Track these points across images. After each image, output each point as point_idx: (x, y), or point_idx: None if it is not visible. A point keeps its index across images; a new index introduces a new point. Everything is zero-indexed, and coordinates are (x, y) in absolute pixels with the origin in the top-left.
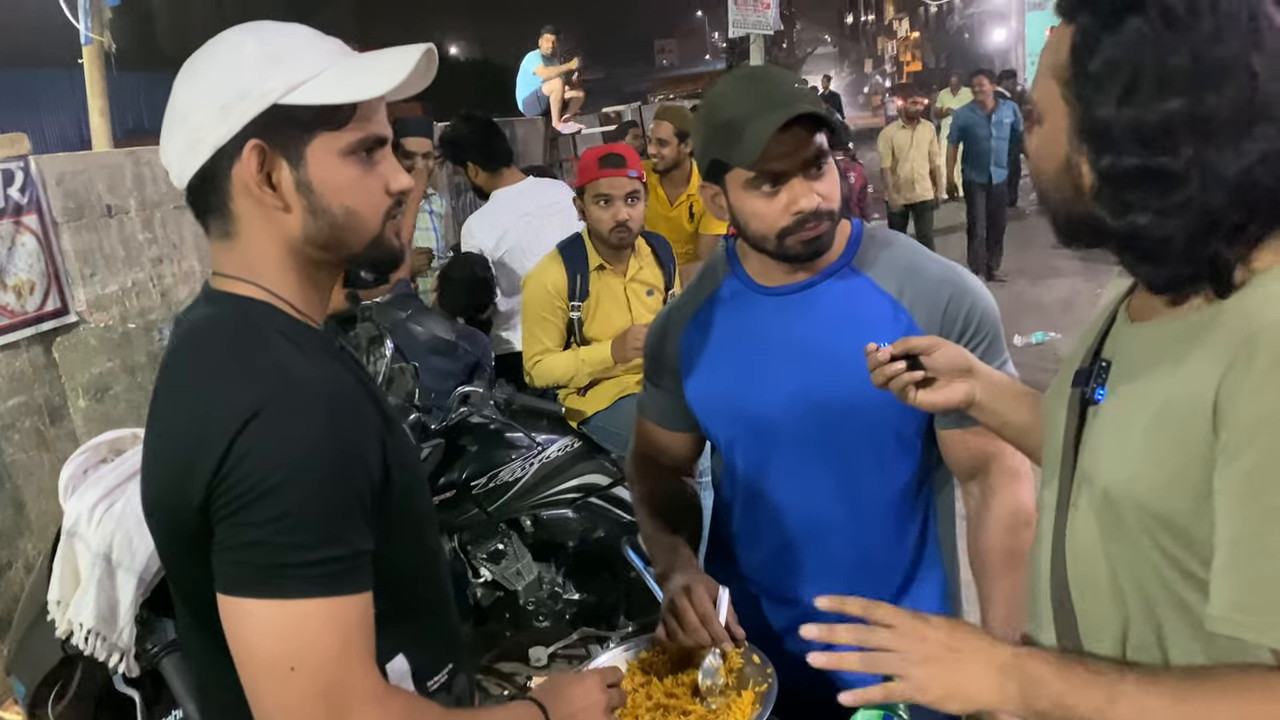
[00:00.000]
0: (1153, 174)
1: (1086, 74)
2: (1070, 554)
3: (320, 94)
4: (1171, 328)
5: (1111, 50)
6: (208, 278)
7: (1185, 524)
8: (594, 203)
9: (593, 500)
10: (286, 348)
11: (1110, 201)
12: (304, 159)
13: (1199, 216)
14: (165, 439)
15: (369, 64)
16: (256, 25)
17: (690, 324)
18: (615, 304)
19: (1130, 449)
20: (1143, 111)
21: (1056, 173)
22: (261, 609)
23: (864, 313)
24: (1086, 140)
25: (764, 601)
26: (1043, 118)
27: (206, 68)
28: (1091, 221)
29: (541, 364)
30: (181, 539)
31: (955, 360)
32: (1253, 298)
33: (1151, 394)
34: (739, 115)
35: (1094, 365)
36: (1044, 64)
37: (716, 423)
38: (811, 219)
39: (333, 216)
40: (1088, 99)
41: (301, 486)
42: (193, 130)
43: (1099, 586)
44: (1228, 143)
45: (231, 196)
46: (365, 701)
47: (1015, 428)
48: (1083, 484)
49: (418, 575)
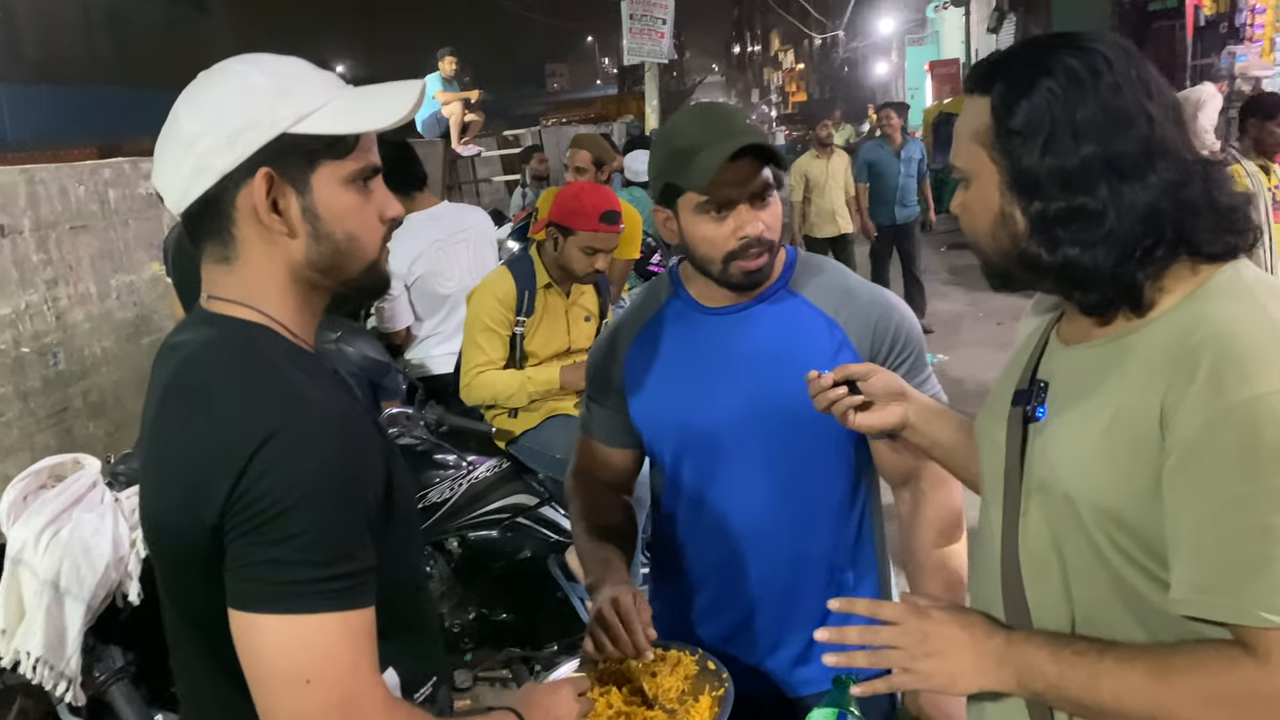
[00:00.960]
0: (1077, 212)
1: (1009, 133)
2: (1024, 556)
3: (328, 124)
4: (1104, 348)
5: (1028, 110)
6: (201, 301)
7: (1136, 521)
8: (579, 248)
9: (520, 520)
10: (293, 372)
11: (1044, 240)
12: (310, 186)
13: (1119, 245)
14: (174, 460)
15: (372, 97)
16: (258, 57)
17: (635, 343)
18: (557, 324)
19: (1089, 458)
20: (1063, 159)
21: (992, 226)
22: (278, 624)
23: (802, 330)
24: (1017, 191)
25: (709, 608)
26: (971, 180)
27: (213, 97)
28: (1028, 260)
29: (484, 376)
30: (189, 558)
31: (890, 385)
32: (1184, 315)
33: (1100, 407)
34: (693, 143)
35: (1033, 386)
36: (965, 132)
37: (662, 437)
38: (755, 245)
39: (336, 242)
40: (1013, 155)
41: (317, 506)
42: (199, 157)
43: (1051, 585)
44: (1135, 179)
45: (235, 222)
46: (376, 712)
47: (943, 447)
48: (1033, 493)
49: (407, 590)
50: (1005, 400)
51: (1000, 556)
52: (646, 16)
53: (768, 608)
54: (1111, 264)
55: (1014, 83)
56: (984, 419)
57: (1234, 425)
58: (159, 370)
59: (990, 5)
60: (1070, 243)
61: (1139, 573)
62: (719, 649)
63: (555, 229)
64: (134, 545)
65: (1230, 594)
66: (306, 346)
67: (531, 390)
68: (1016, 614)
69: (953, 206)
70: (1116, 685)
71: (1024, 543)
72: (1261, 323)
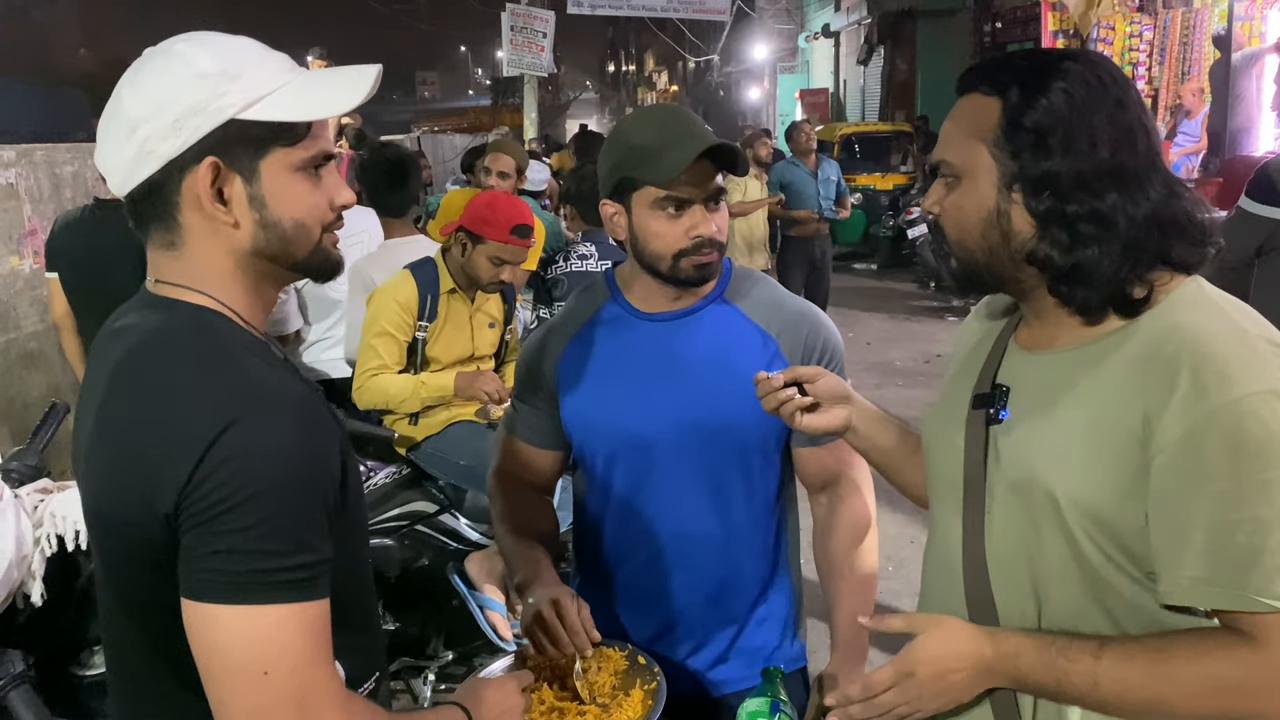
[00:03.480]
0: (1093, 215)
1: (1022, 131)
2: (991, 556)
3: (279, 111)
4: (1073, 354)
5: (1046, 110)
6: (146, 284)
7: (1114, 519)
8: (487, 258)
9: (419, 528)
10: (249, 358)
11: (1055, 239)
12: (258, 173)
13: (1121, 249)
14: (125, 449)
15: (325, 81)
16: (205, 36)
17: (569, 345)
18: (460, 329)
19: (1071, 457)
20: (1079, 162)
21: (983, 223)
22: (235, 615)
23: (736, 340)
24: (1025, 189)
25: (635, 610)
26: (962, 177)
27: (156, 80)
28: (1035, 260)
29: (377, 380)
30: (140, 550)
31: (836, 389)
32: (1154, 325)
33: (1075, 409)
34: (658, 140)
35: (994, 390)
36: (963, 130)
37: (594, 440)
38: (707, 245)
39: (283, 230)
40: (1023, 153)
41: (276, 495)
42: (142, 142)
43: (1019, 583)
44: (1138, 187)
45: (179, 208)
46: (332, 705)
47: (881, 450)
48: (1001, 493)
49: (354, 583)
50: (962, 404)
51: (962, 558)
52: (527, 29)
53: (693, 609)
54: (1112, 267)
55: (1030, 83)
56: (936, 423)
57: (1219, 426)
58: (102, 355)
59: (859, 39)
60: (1085, 244)
61: (1114, 568)
62: (644, 648)
63: (465, 235)
64: (37, 544)
65: (1230, 583)
66: (258, 333)
67: (425, 396)
68: (982, 614)
69: (928, 204)
70: (1117, 685)
71: (990, 543)
72: (1231, 330)
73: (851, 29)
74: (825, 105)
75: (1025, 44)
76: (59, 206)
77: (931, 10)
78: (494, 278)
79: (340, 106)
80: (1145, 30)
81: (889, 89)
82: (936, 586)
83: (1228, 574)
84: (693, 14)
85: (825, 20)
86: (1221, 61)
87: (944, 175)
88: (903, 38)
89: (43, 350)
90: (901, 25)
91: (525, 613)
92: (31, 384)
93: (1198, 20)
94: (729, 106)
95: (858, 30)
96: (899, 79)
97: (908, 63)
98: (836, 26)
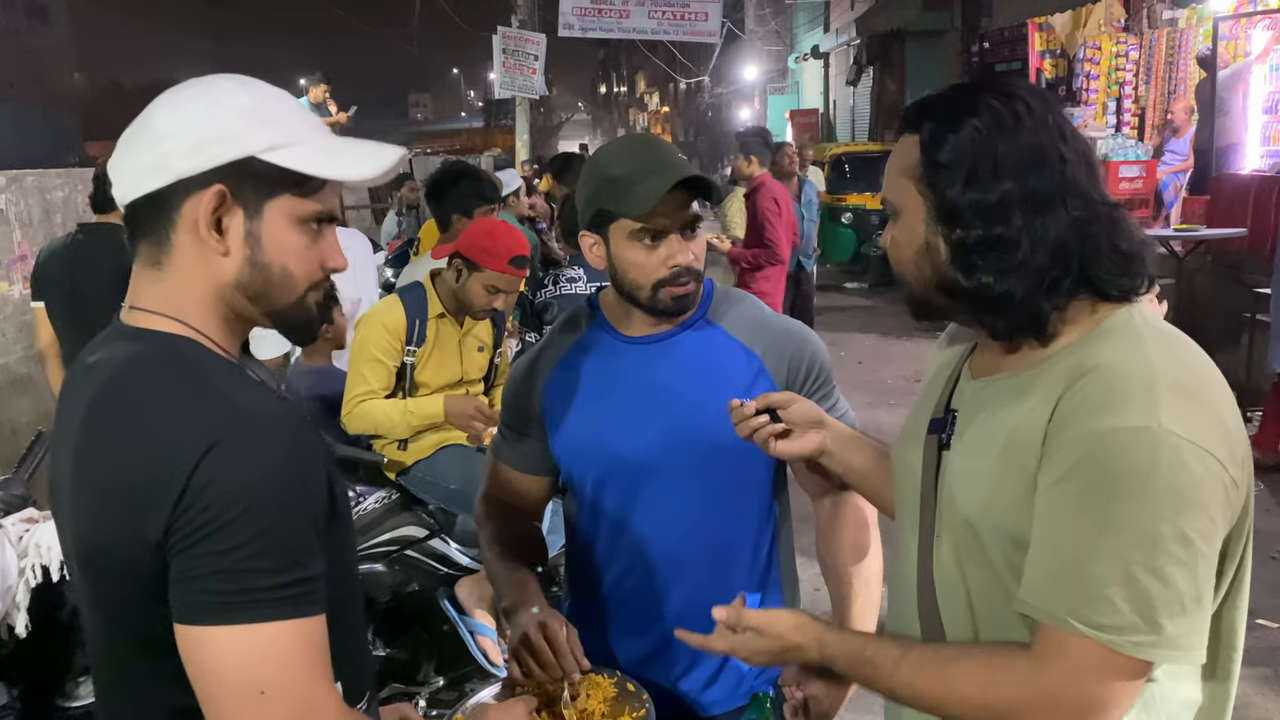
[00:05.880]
0: (994, 241)
1: (936, 166)
2: (937, 578)
3: (299, 161)
4: (1007, 382)
5: (955, 145)
6: (121, 314)
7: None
8: (482, 285)
9: (409, 553)
10: (225, 379)
11: (962, 267)
12: (261, 213)
13: (1030, 274)
14: (107, 483)
15: (351, 148)
16: (251, 81)
17: (554, 371)
18: (448, 354)
19: (981, 480)
20: (983, 192)
21: (916, 255)
22: (229, 635)
23: (721, 359)
24: (941, 221)
25: (627, 632)
26: (899, 213)
27: (193, 105)
28: (945, 286)
29: (365, 406)
30: (128, 578)
31: (809, 414)
32: (1078, 352)
33: (995, 434)
34: (632, 172)
35: (947, 415)
36: (895, 168)
37: (583, 464)
38: (685, 274)
39: (270, 273)
40: (939, 187)
41: (264, 513)
42: (161, 156)
43: (959, 602)
44: (1047, 213)
45: (175, 227)
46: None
47: (858, 473)
48: (943, 517)
49: (345, 599)
50: (921, 428)
51: (915, 577)
52: (519, 52)
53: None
54: (1022, 292)
55: (942, 120)
56: (901, 446)
57: (1086, 453)
58: (75, 392)
59: (849, 59)
60: (986, 270)
61: None
62: (635, 671)
63: (462, 261)
64: (22, 574)
65: (1045, 597)
66: (232, 358)
67: (414, 422)
68: (932, 631)
69: (883, 240)
70: (907, 690)
71: (938, 564)
72: (1136, 364)
73: (841, 50)
74: (815, 126)
75: (1013, 64)
76: (49, 232)
77: (920, 31)
78: (487, 305)
79: (360, 174)
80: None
81: (878, 109)
82: (896, 603)
83: (1045, 588)
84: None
85: (814, 41)
86: (1207, 80)
87: (888, 211)
88: (891, 58)
89: (32, 376)
90: (890, 46)
91: (512, 636)
92: (20, 410)
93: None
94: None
95: (847, 51)
96: (888, 99)
97: (897, 83)
98: (826, 47)
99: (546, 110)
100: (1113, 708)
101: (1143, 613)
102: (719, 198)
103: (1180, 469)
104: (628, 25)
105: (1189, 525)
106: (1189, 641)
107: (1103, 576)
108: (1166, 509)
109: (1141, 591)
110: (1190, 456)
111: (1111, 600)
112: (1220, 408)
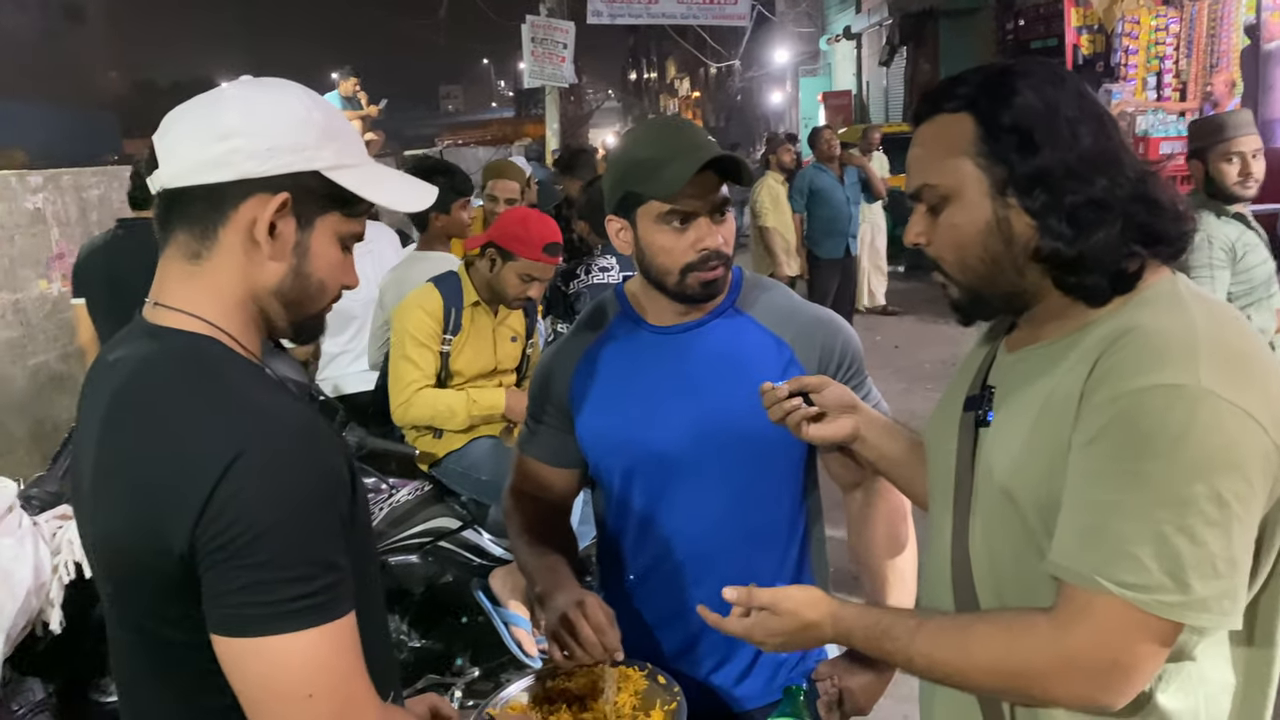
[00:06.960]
0: (1090, 202)
1: (1002, 133)
2: (974, 555)
3: (355, 183)
4: (1045, 350)
5: (1020, 108)
6: (144, 310)
7: None
8: (517, 274)
9: (442, 545)
10: (247, 384)
11: (1060, 234)
12: (313, 226)
13: (1120, 232)
14: (128, 486)
15: (396, 179)
16: (322, 99)
17: (581, 362)
18: (483, 342)
19: (1017, 446)
20: (1064, 151)
21: (982, 236)
22: (271, 645)
23: (751, 348)
24: (1016, 191)
25: (660, 625)
26: (951, 198)
27: (269, 110)
28: (1043, 257)
29: (424, 394)
30: (155, 588)
31: (842, 398)
32: (1122, 317)
33: (1033, 399)
34: (660, 155)
35: (984, 392)
36: (939, 151)
37: (611, 456)
38: (713, 258)
39: (309, 283)
40: (1008, 154)
41: (294, 524)
42: (229, 152)
43: (995, 581)
44: (1119, 171)
45: (226, 224)
46: (373, 715)
47: (890, 460)
48: (980, 494)
49: (367, 597)
50: (956, 407)
51: (950, 557)
52: (548, 41)
53: None
54: (1116, 250)
55: (994, 90)
56: (934, 427)
57: (1118, 412)
58: (96, 389)
59: (881, 40)
60: (1088, 231)
61: None
62: (666, 665)
63: (495, 251)
64: (55, 571)
65: (1072, 556)
66: (255, 359)
67: (475, 412)
68: (967, 610)
69: (911, 238)
70: (924, 660)
71: (973, 543)
72: (1179, 325)
73: (873, 30)
74: (848, 107)
75: (1049, 41)
76: (86, 231)
77: (953, 9)
78: (521, 294)
79: (404, 205)
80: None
81: (912, 89)
82: (929, 585)
83: (1073, 548)
84: (713, 20)
85: (846, 22)
86: (1250, 51)
87: (926, 201)
88: (925, 38)
89: (71, 373)
90: (923, 25)
91: (549, 618)
92: (61, 407)
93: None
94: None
95: (879, 31)
96: (922, 79)
97: (930, 63)
98: (858, 28)
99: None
100: (1134, 674)
101: (1171, 572)
102: (750, 179)
103: (1216, 428)
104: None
105: (1224, 486)
106: (1220, 606)
107: (1131, 534)
108: (1201, 468)
109: (1171, 551)
110: (1229, 417)
111: (1139, 558)
112: (1266, 375)
